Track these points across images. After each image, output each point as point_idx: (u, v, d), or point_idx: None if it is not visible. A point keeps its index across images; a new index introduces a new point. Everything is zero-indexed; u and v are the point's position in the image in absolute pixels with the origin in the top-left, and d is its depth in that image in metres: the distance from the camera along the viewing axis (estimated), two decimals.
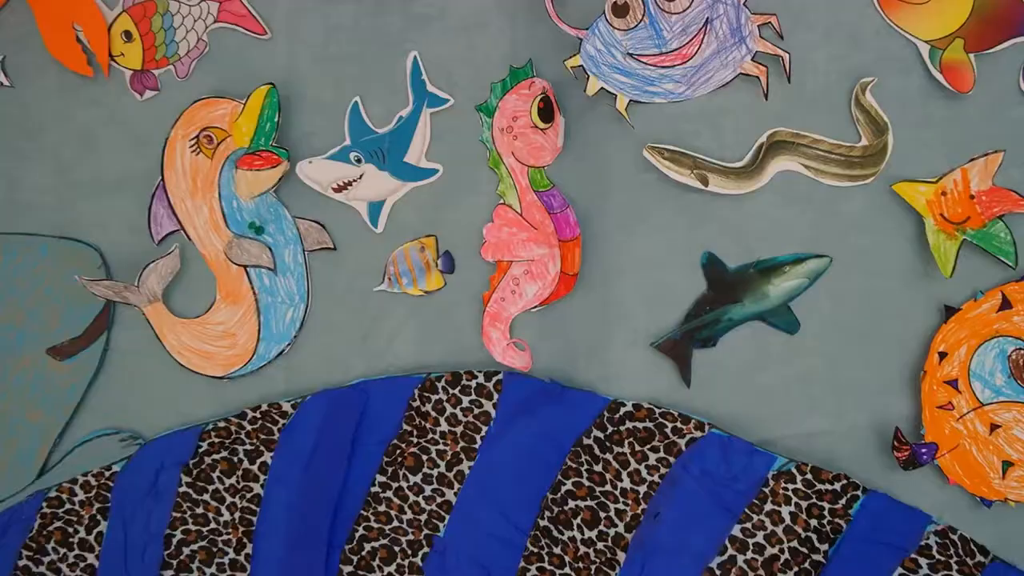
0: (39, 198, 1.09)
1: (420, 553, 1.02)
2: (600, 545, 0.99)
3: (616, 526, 0.98)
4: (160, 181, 1.04)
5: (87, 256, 1.07)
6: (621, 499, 0.98)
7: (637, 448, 0.98)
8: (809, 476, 0.95)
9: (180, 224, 1.05)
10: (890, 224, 0.96)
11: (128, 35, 1.04)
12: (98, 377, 1.09)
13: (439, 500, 1.01)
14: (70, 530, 1.06)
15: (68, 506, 1.07)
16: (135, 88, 1.05)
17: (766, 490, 0.95)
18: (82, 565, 1.05)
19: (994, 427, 0.94)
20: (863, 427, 0.98)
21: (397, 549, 1.02)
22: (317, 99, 1.04)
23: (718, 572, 0.93)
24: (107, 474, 1.07)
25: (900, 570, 0.93)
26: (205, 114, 1.05)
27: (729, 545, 0.94)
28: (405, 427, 1.03)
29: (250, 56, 1.05)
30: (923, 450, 0.93)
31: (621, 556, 0.98)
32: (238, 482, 1.04)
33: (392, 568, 1.02)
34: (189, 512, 1.03)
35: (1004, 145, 0.92)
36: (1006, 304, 0.94)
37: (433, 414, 1.03)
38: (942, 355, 0.95)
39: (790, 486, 0.95)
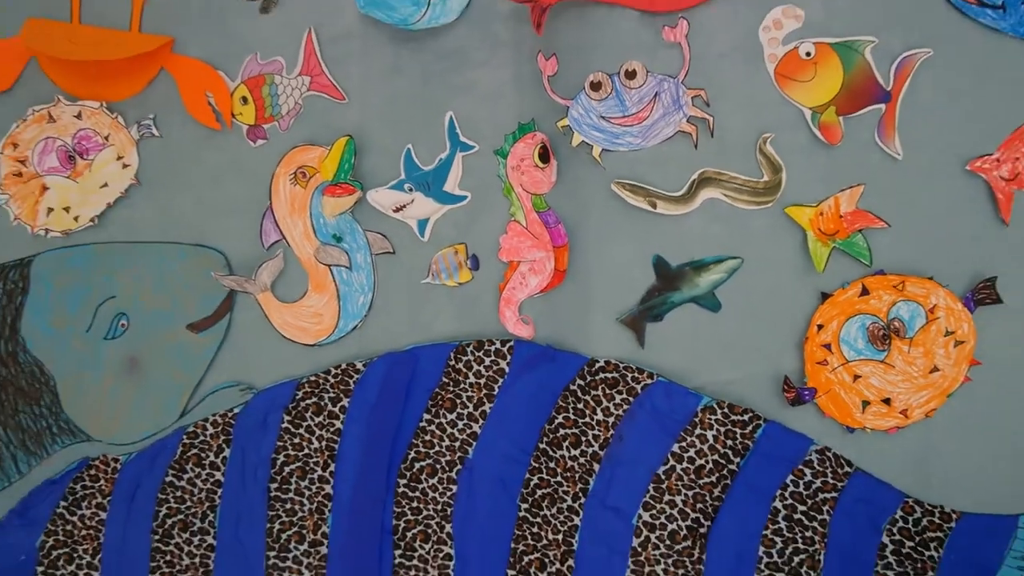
0: (181, 217, 1.28)
1: (455, 470, 1.22)
2: (582, 460, 1.19)
3: (592, 446, 1.19)
4: (268, 204, 1.26)
5: (216, 259, 1.27)
6: (596, 427, 1.19)
7: (607, 391, 1.19)
8: (726, 410, 1.17)
9: (282, 235, 1.26)
10: (783, 235, 1.17)
11: (245, 100, 1.25)
12: (223, 345, 1.28)
13: (468, 431, 1.22)
14: (203, 455, 1.27)
15: (202, 438, 1.28)
16: (250, 138, 1.26)
17: (696, 420, 1.17)
18: (211, 480, 1.26)
19: (856, 377, 1.15)
20: (764, 376, 1.19)
21: (438, 467, 1.23)
22: (381, 146, 1.24)
23: (663, 477, 1.16)
24: (229, 415, 1.27)
25: (791, 476, 1.16)
26: (300, 157, 1.26)
27: (671, 458, 1.17)
28: (444, 379, 1.23)
29: (333, 115, 1.25)
30: (805, 392, 1.15)
31: (596, 467, 1.19)
32: (324, 420, 1.24)
33: (435, 480, 1.22)
34: (289, 442, 1.25)
35: (864, 180, 1.14)
36: (865, 291, 1.14)
37: (464, 370, 1.23)
38: (820, 327, 1.16)
39: (712, 417, 1.17)
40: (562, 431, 1.20)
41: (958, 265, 1.14)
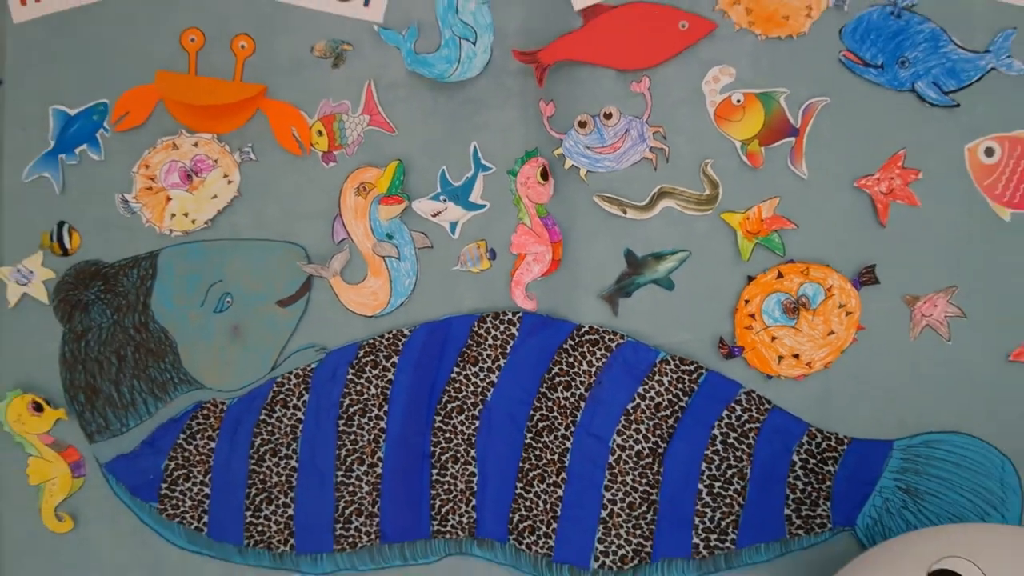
0: (272, 220, 1.46)
1: (477, 409, 1.41)
2: (572, 399, 1.39)
3: (579, 389, 1.38)
4: (338, 211, 1.43)
5: (298, 251, 1.44)
6: (582, 375, 1.39)
7: (590, 348, 1.38)
8: (678, 362, 1.37)
9: (348, 234, 1.42)
10: (719, 234, 1.36)
11: (320, 132, 1.42)
12: (303, 317, 1.44)
13: (487, 380, 1.41)
14: (288, 399, 1.45)
15: (287, 386, 1.45)
16: (324, 161, 1.43)
17: (655, 369, 1.37)
18: (294, 418, 1.45)
19: (773, 338, 1.35)
20: (705, 338, 1.38)
21: (464, 407, 1.41)
22: (422, 168, 1.42)
23: (631, 411, 1.36)
24: (308, 368, 1.44)
25: (725, 411, 1.36)
26: (362, 175, 1.42)
27: (637, 397, 1.37)
28: (470, 341, 1.41)
29: (386, 145, 1.42)
30: (735, 349, 1.36)
31: (582, 405, 1.39)
32: (379, 372, 1.43)
33: (462, 417, 1.41)
34: (352, 389, 1.43)
35: (779, 193, 1.34)
36: (779, 275, 1.34)
37: (485, 334, 1.41)
38: (746, 301, 1.35)
39: (668, 367, 1.37)
40: (557, 379, 1.40)
41: (848, 256, 1.36)
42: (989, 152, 1.36)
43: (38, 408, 1.51)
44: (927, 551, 1.06)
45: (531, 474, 1.43)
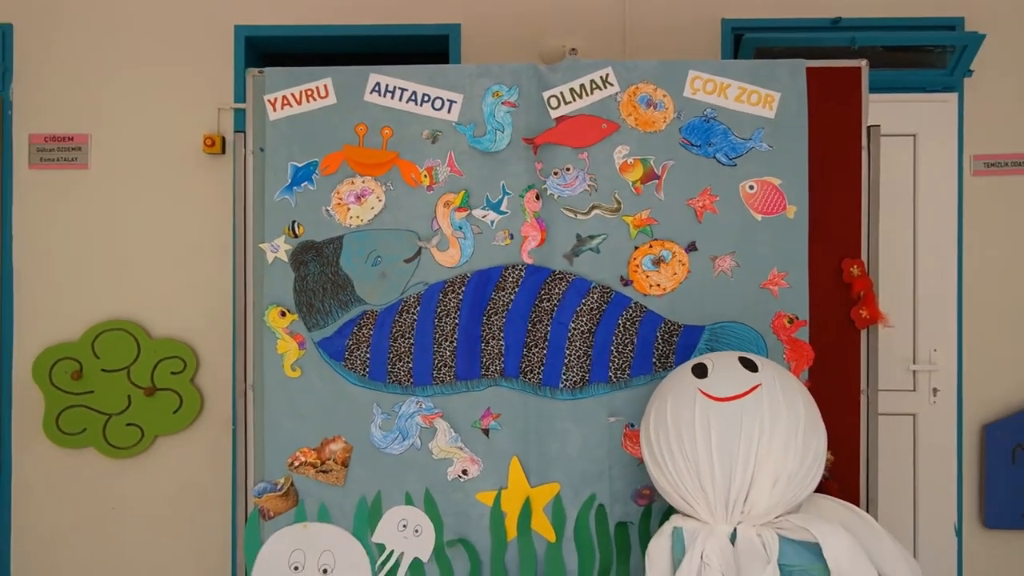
0: (400, 219, 2.69)
1: (504, 313, 2.68)
2: (549, 307, 2.72)
3: (554, 302, 2.75)
4: (434, 214, 2.75)
5: (414, 235, 2.66)
6: (554, 296, 2.72)
7: (559, 283, 2.69)
8: (601, 288, 2.68)
9: (439, 226, 2.72)
10: (621, 227, 2.66)
11: (425, 176, 2.77)
12: (417, 267, 2.63)
13: (509, 299, 2.68)
14: (409, 310, 2.71)
15: (408, 303, 2.69)
16: (427, 190, 2.76)
17: (590, 292, 2.71)
18: (412, 320, 2.70)
19: (647, 276, 2.76)
20: (614, 276, 2.67)
21: (497, 312, 2.73)
22: (477, 193, 2.70)
23: (579, 311, 2.76)
24: (419, 294, 2.71)
25: (623, 311, 2.75)
26: (446, 197, 2.68)
27: (581, 305, 2.77)
28: (500, 280, 2.65)
29: (458, 182, 2.71)
30: (628, 282, 2.74)
31: (554, 310, 2.70)
32: (455, 295, 2.70)
33: (496, 317, 2.67)
34: (441, 302, 2.68)
35: (649, 207, 2.75)
36: (651, 246, 2.74)
37: (507, 276, 2.68)
38: (635, 258, 2.73)
39: (596, 291, 2.69)
40: (543, 297, 2.72)
41: (684, 236, 2.67)
42: (751, 188, 2.82)
43: (283, 314, 2.82)
44: (695, 361, 2.58)
45: (530, 343, 2.79)
